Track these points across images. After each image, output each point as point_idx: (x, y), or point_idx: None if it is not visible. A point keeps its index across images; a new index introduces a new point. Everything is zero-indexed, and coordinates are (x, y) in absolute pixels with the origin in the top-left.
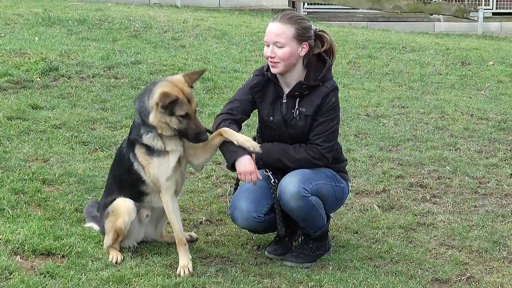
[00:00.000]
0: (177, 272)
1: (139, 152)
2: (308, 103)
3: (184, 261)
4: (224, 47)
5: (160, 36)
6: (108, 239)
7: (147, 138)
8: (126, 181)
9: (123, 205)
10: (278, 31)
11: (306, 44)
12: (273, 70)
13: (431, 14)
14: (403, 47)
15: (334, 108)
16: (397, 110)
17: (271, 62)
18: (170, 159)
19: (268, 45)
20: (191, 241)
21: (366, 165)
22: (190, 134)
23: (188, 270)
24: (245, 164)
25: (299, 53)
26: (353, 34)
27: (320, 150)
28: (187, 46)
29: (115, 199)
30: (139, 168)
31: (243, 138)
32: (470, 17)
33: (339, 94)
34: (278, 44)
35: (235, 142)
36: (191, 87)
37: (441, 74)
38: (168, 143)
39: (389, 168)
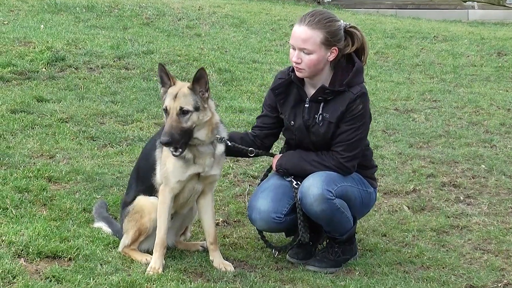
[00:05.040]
0: (147, 271)
1: None
2: (332, 109)
3: (157, 263)
4: (242, 36)
5: (174, 24)
6: (126, 239)
7: None
8: (142, 169)
9: (148, 202)
10: (305, 36)
11: (335, 49)
12: (298, 74)
13: (465, 1)
14: (434, 36)
15: (360, 116)
16: (428, 104)
17: (296, 67)
18: (190, 168)
19: (294, 48)
20: (203, 251)
21: (395, 163)
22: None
23: (158, 272)
24: None
25: (328, 58)
26: (381, 23)
27: (340, 159)
28: (203, 34)
29: (135, 198)
30: (158, 155)
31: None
32: (506, 4)
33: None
34: (305, 50)
35: (211, 258)
36: (191, 88)
37: (475, 66)
38: (198, 156)
39: (419, 167)
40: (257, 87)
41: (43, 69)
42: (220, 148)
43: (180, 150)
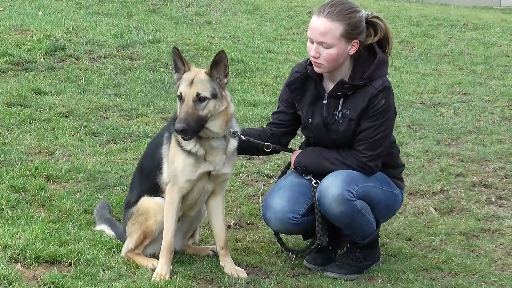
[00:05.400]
0: (153, 277)
1: (175, 138)
2: (352, 105)
3: (163, 269)
4: (256, 24)
5: (182, 11)
6: (130, 242)
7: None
8: (147, 166)
9: (153, 203)
10: (323, 29)
11: (356, 42)
12: (316, 69)
13: None
14: (464, 24)
15: (383, 112)
16: (457, 98)
17: (315, 62)
18: (200, 166)
19: (311, 42)
20: (213, 256)
21: (421, 161)
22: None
23: (164, 279)
24: None
25: (348, 52)
26: (406, 9)
27: (362, 158)
28: (214, 22)
29: (139, 198)
30: (165, 152)
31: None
32: None
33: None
34: (324, 44)
35: (222, 263)
36: (209, 74)
37: (508, 56)
38: (210, 152)
39: (447, 165)
40: (272, 79)
41: (42, 59)
42: (233, 143)
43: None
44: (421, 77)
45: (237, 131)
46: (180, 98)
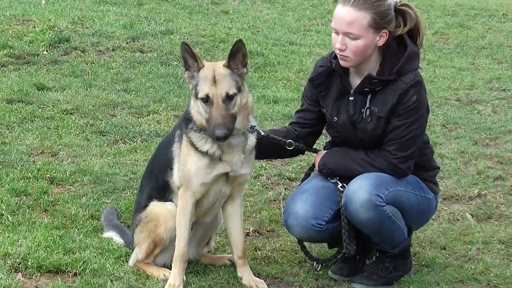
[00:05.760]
0: None
1: (187, 137)
2: (381, 102)
3: (176, 280)
4: (277, 14)
5: (197, 0)
6: (139, 252)
7: (195, 136)
8: (157, 167)
9: (163, 209)
10: (350, 19)
11: (385, 32)
12: (342, 63)
13: None
14: (503, 14)
15: (415, 109)
16: (496, 94)
17: (340, 55)
18: (216, 166)
19: (336, 33)
20: (230, 265)
21: (457, 163)
22: (209, 127)
23: None
24: None
25: (376, 43)
26: None
27: (392, 159)
28: (231, 12)
29: (150, 201)
30: (176, 152)
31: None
32: None
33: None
34: (351, 35)
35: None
36: (228, 66)
37: None
38: (227, 151)
39: (485, 167)
40: (295, 74)
41: (45, 51)
42: (252, 140)
43: None
44: (456, 71)
45: (255, 126)
46: (207, 100)
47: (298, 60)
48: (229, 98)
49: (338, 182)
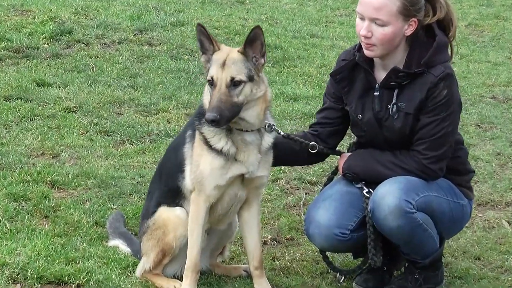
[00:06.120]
0: None
1: (200, 135)
2: (408, 97)
3: None
4: (297, 3)
5: None
6: (147, 262)
7: (208, 131)
8: (167, 170)
9: (172, 215)
10: (378, 3)
11: (414, 21)
12: (367, 53)
13: None
14: None
15: (446, 104)
16: None
17: (366, 43)
18: (231, 167)
19: (362, 18)
20: (246, 277)
21: (492, 166)
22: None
23: None
24: None
25: (404, 33)
26: None
27: (422, 160)
28: (247, 1)
29: (157, 209)
30: (187, 152)
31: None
32: None
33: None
34: (378, 21)
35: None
36: (243, 53)
37: None
38: (241, 150)
39: None
40: (316, 69)
41: (45, 45)
42: (269, 139)
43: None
44: (492, 66)
45: (273, 124)
46: (211, 83)
47: (319, 54)
48: (234, 84)
49: (364, 187)
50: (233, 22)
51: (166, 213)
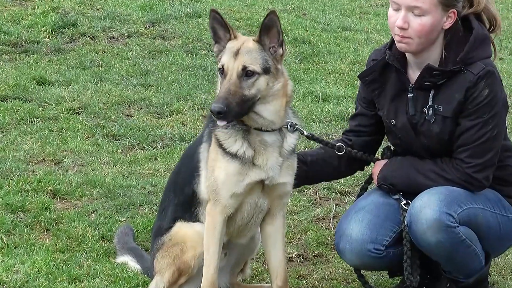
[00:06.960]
0: None
1: (214, 135)
2: (446, 99)
3: None
4: None
5: None
6: (161, 281)
7: (222, 133)
8: (182, 175)
9: (192, 231)
10: None
11: (454, 12)
12: (401, 47)
13: None
14: None
15: (488, 105)
16: None
17: (400, 35)
18: (249, 173)
19: (397, 9)
20: None
21: None
22: None
23: None
24: None
25: (443, 25)
26: None
27: (466, 169)
28: None
29: (174, 222)
30: (203, 155)
31: None
32: None
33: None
34: (416, 11)
35: None
36: (258, 42)
37: None
38: (260, 152)
39: None
40: (348, 66)
41: (46, 38)
42: (291, 140)
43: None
44: None
45: (296, 124)
46: (222, 72)
47: (352, 49)
48: (247, 74)
49: (401, 198)
50: (255, 13)
51: (184, 229)
